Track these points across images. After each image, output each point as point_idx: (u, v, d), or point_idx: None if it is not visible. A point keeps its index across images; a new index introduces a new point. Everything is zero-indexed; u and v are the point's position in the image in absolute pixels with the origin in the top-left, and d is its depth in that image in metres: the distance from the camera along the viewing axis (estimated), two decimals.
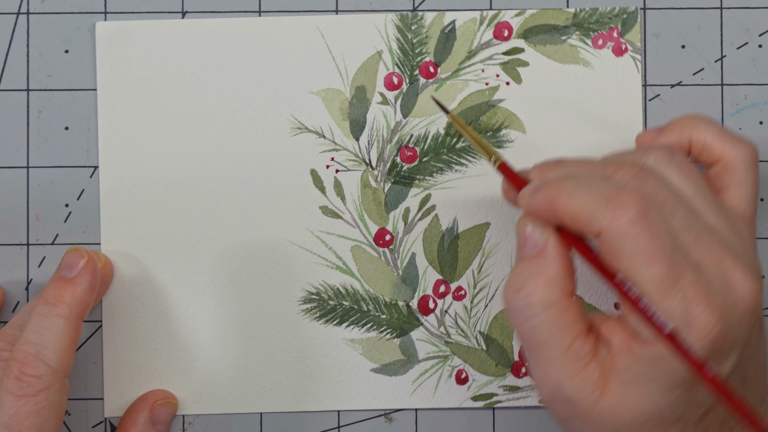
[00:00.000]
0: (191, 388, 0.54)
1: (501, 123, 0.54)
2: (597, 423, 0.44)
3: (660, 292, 0.42)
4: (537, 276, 0.44)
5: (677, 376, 0.42)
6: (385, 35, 0.54)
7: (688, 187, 0.46)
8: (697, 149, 0.49)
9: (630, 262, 0.42)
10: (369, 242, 0.54)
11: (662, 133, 0.50)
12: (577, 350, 0.44)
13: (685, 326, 0.41)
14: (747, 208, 0.48)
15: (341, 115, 0.54)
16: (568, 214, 0.44)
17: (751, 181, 0.49)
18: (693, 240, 0.44)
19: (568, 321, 0.44)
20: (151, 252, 0.54)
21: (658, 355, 0.42)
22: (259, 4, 0.55)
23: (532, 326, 0.44)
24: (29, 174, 0.54)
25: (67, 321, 0.48)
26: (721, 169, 0.49)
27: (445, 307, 0.54)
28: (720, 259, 0.43)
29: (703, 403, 0.43)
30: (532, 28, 0.54)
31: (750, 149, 0.49)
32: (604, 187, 0.43)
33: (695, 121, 0.50)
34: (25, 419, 0.47)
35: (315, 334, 0.54)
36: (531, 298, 0.44)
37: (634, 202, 0.42)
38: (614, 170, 0.45)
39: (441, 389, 0.54)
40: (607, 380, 0.43)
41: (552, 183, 0.45)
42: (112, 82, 0.54)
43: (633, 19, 0.54)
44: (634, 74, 0.54)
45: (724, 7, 0.54)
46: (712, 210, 0.46)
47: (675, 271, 0.42)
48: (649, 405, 0.43)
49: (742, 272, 0.43)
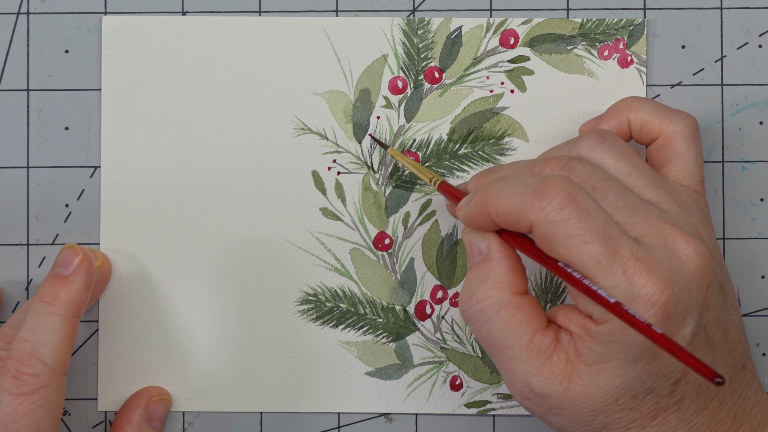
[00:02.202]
0: (186, 385, 0.54)
1: (504, 131, 0.54)
2: (572, 410, 0.45)
3: (600, 269, 0.43)
4: (485, 281, 0.46)
5: (637, 349, 0.43)
6: (391, 39, 0.54)
7: (623, 166, 0.47)
8: (636, 129, 0.51)
9: (565, 247, 0.43)
10: (368, 245, 0.54)
11: (601, 120, 0.52)
12: (537, 345, 0.45)
13: (632, 298, 0.42)
14: (691, 179, 0.49)
15: (344, 118, 0.54)
16: (500, 214, 0.45)
17: (693, 152, 0.50)
18: (629, 216, 0.45)
19: (523, 318, 0.45)
20: (151, 251, 0.54)
21: (612, 330, 0.43)
22: (259, 4, 0.54)
23: (489, 330, 0.46)
24: (29, 174, 0.54)
25: (63, 319, 0.48)
26: (661, 144, 0.50)
27: (441, 312, 0.54)
28: (659, 230, 0.44)
29: (671, 373, 0.44)
30: (538, 36, 0.54)
31: (687, 120, 0.50)
32: (529, 183, 0.44)
33: (631, 101, 0.51)
34: (22, 418, 0.47)
35: (311, 335, 0.54)
36: (483, 303, 0.46)
37: (559, 190, 0.43)
38: (543, 166, 0.47)
39: (435, 395, 0.54)
40: (573, 367, 0.44)
41: (482, 189, 0.46)
42: (115, 79, 0.54)
43: (639, 31, 0.54)
44: (639, 86, 0.54)
45: (724, 7, 0.54)
46: (650, 185, 0.47)
47: (611, 247, 0.43)
48: (617, 381, 0.44)
49: (683, 238, 0.44)
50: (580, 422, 0.45)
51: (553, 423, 0.46)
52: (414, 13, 0.54)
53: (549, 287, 0.54)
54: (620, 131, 0.51)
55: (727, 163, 0.54)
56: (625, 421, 0.45)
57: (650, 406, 0.44)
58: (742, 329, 0.48)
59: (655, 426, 0.45)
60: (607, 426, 0.45)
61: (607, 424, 0.45)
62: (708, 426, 0.45)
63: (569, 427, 0.45)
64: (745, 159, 0.54)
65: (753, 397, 0.47)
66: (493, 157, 0.54)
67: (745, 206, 0.54)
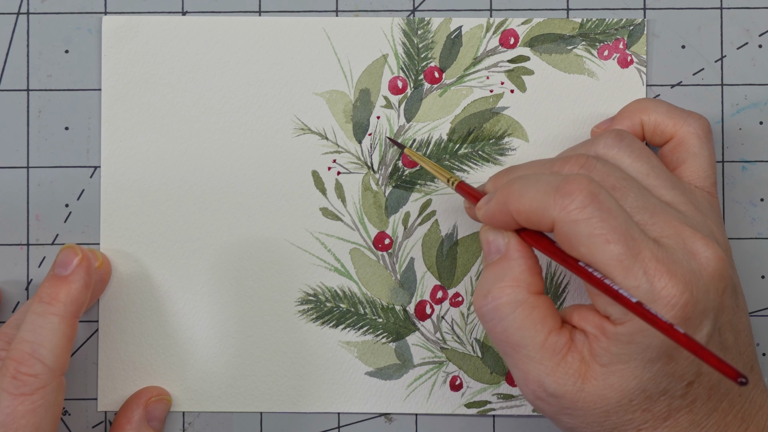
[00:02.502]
0: (186, 385, 0.54)
1: (504, 131, 0.54)
2: (585, 410, 0.45)
3: (621, 269, 0.43)
4: (502, 279, 0.46)
5: (654, 350, 0.43)
6: (391, 39, 0.54)
7: (641, 167, 0.47)
8: (650, 130, 0.51)
9: (587, 246, 0.43)
10: (368, 245, 0.54)
11: (614, 121, 0.52)
12: (552, 345, 0.45)
13: (652, 300, 0.42)
14: (705, 180, 0.49)
15: (345, 117, 0.54)
16: (521, 213, 0.45)
17: (706, 153, 0.50)
18: (649, 217, 0.45)
19: (539, 318, 0.45)
20: (151, 250, 0.54)
21: (631, 331, 0.43)
22: (259, 4, 0.54)
23: (504, 328, 0.45)
24: (29, 174, 0.54)
25: (63, 319, 0.48)
26: (674, 145, 0.50)
27: (441, 312, 0.54)
28: (679, 232, 0.44)
29: (686, 374, 0.44)
30: (538, 36, 0.54)
31: (700, 122, 0.50)
32: (550, 181, 0.44)
33: (643, 103, 0.51)
34: (21, 418, 0.47)
35: (311, 335, 0.54)
36: (499, 301, 0.45)
37: (581, 188, 0.43)
38: (561, 165, 0.46)
39: (435, 395, 0.54)
40: (587, 367, 0.44)
41: (502, 188, 0.46)
42: (115, 79, 0.54)
43: (639, 31, 0.54)
44: (638, 86, 0.54)
45: (724, 7, 0.54)
46: (667, 186, 0.47)
47: (633, 248, 0.43)
48: (632, 382, 0.44)
49: (701, 241, 0.44)
50: (591, 423, 0.45)
51: (563, 423, 0.46)
52: (414, 13, 0.54)
53: (549, 287, 0.54)
54: (633, 133, 0.50)
55: (727, 163, 0.54)
56: (637, 422, 0.45)
57: (663, 408, 0.44)
58: (751, 332, 0.48)
59: (667, 427, 0.45)
60: (619, 427, 0.45)
61: (618, 425, 0.45)
62: (717, 428, 0.45)
63: (580, 427, 0.45)
64: (745, 159, 0.54)
65: (759, 399, 0.47)
66: (493, 157, 0.54)
67: (745, 206, 0.54)
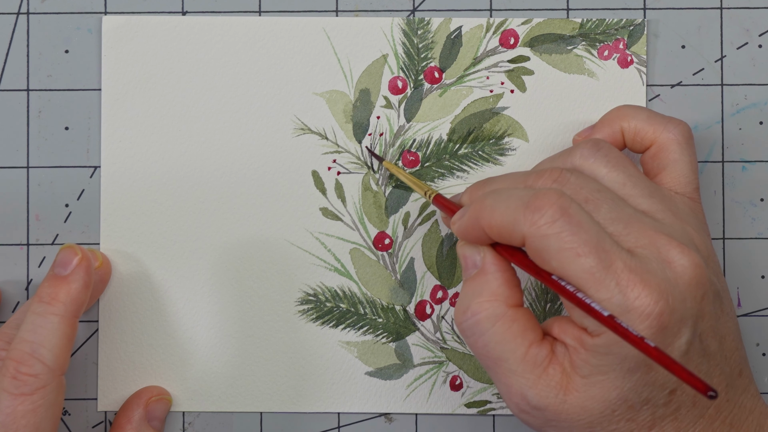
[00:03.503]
0: (186, 385, 0.54)
1: (504, 131, 0.54)
2: (569, 422, 0.45)
3: (593, 282, 0.43)
4: (480, 294, 0.46)
5: (632, 360, 0.43)
6: (391, 39, 0.54)
7: (617, 176, 0.47)
8: (630, 137, 0.51)
9: (558, 260, 0.43)
10: (368, 245, 0.54)
11: (594, 129, 0.52)
12: (533, 357, 0.45)
13: (626, 310, 0.42)
14: (686, 186, 0.49)
15: (345, 118, 0.54)
16: (493, 228, 0.45)
17: (687, 159, 0.49)
18: (623, 228, 0.45)
19: (519, 331, 0.45)
20: (151, 251, 0.54)
21: (607, 342, 0.43)
22: (259, 4, 0.54)
23: (485, 342, 0.46)
24: (29, 174, 0.54)
25: (63, 319, 0.48)
26: (655, 152, 0.50)
27: (442, 312, 0.54)
28: (653, 241, 0.44)
29: (667, 383, 0.44)
30: (538, 36, 0.54)
31: (680, 128, 0.50)
32: (521, 196, 0.44)
33: (623, 110, 0.51)
34: (21, 418, 0.47)
35: (311, 335, 0.54)
36: (478, 316, 0.46)
37: (551, 203, 0.43)
38: (536, 179, 0.47)
39: (435, 395, 0.54)
40: (569, 379, 0.44)
41: (475, 203, 0.46)
42: (115, 79, 0.54)
43: (639, 31, 0.54)
44: (638, 86, 0.54)
45: (724, 7, 0.54)
46: (644, 195, 0.47)
47: (605, 260, 0.43)
48: (613, 393, 0.44)
49: (677, 248, 0.44)
50: None
51: None
52: (414, 13, 0.54)
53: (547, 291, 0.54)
54: (614, 140, 0.51)
55: (727, 163, 0.54)
56: None
57: (647, 417, 0.44)
58: (739, 336, 0.48)
59: None
60: None
61: None
62: None
63: None
64: (745, 159, 0.54)
65: (749, 404, 0.47)
66: (493, 157, 0.54)
67: (745, 206, 0.54)
